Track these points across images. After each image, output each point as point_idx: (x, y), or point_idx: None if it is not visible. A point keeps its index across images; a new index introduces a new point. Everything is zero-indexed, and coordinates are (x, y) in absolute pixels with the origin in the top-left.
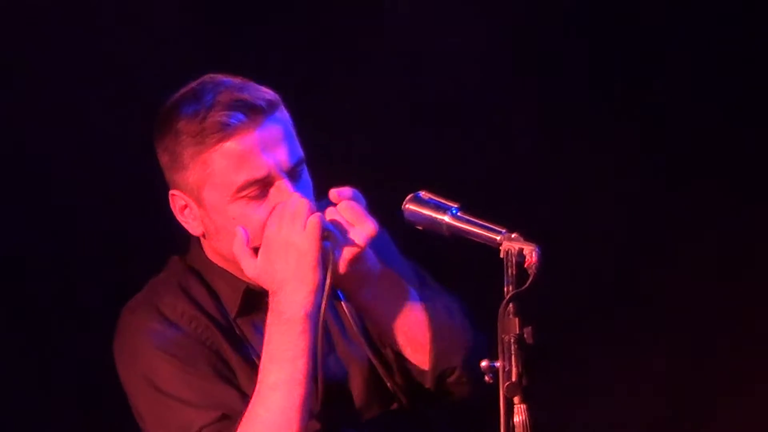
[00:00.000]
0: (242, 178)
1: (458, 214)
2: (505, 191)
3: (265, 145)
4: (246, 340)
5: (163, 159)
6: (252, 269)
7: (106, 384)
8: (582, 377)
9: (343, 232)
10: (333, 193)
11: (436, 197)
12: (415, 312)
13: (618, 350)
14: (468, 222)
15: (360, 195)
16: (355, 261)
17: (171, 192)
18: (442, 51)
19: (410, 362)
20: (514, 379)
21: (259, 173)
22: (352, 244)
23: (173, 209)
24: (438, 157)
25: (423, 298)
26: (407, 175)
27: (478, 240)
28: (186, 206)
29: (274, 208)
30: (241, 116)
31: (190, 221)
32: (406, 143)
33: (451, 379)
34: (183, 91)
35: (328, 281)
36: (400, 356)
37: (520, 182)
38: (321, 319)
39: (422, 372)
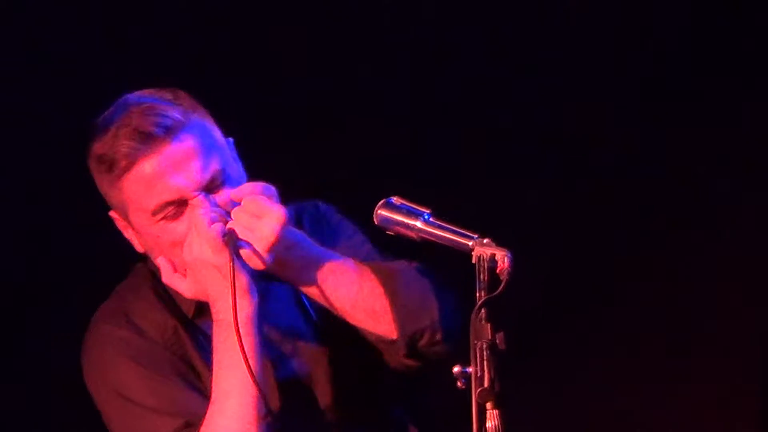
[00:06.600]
0: (154, 202)
1: (430, 219)
2: (476, 196)
3: (173, 166)
4: (208, 339)
5: (96, 182)
6: (186, 291)
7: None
8: (556, 382)
9: (251, 228)
10: (232, 193)
11: (408, 203)
12: (367, 282)
13: (592, 353)
14: (440, 227)
15: (265, 186)
16: (280, 249)
17: (110, 213)
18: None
19: (377, 335)
20: (486, 384)
21: (169, 195)
22: (264, 235)
23: (119, 228)
24: (411, 161)
25: (373, 268)
26: (380, 179)
27: (449, 245)
28: (127, 226)
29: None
30: (140, 145)
31: (133, 239)
32: (381, 147)
33: (423, 341)
34: (101, 116)
35: (231, 285)
36: (367, 332)
37: (492, 187)
38: (235, 322)
39: (391, 342)
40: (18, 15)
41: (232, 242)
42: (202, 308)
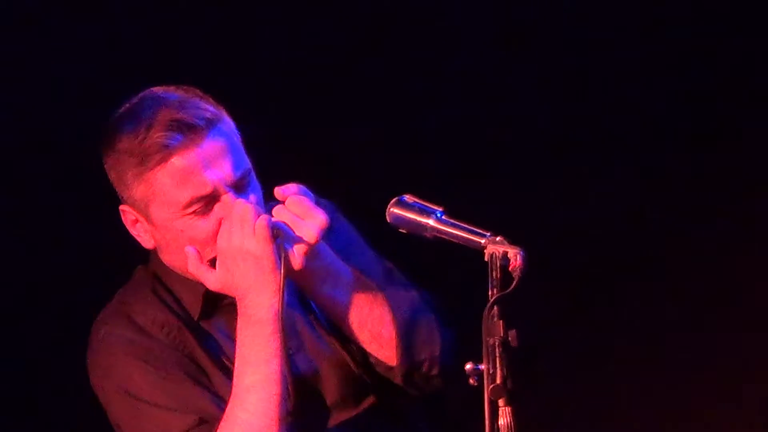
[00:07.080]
0: (187, 195)
1: (443, 217)
2: (475, 196)
3: (207, 161)
4: (214, 340)
5: (110, 175)
6: (213, 283)
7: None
8: (567, 381)
9: (294, 228)
10: (278, 191)
11: (421, 201)
12: (378, 308)
13: (602, 351)
14: (452, 225)
15: (306, 190)
16: (311, 255)
17: (121, 207)
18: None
19: (377, 359)
20: (498, 381)
21: (204, 190)
22: (305, 238)
23: (125, 223)
24: (411, 161)
25: (387, 294)
26: (380, 179)
27: (462, 243)
28: (137, 221)
29: (221, 220)
30: (179, 136)
31: (142, 234)
32: (381, 147)
33: (420, 373)
34: (122, 108)
35: (282, 278)
36: (366, 353)
37: (491, 187)
38: (281, 317)
39: (389, 368)
40: (18, 15)
41: (280, 237)
42: (210, 310)
